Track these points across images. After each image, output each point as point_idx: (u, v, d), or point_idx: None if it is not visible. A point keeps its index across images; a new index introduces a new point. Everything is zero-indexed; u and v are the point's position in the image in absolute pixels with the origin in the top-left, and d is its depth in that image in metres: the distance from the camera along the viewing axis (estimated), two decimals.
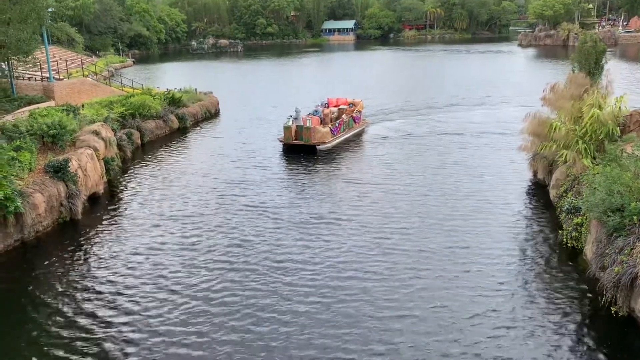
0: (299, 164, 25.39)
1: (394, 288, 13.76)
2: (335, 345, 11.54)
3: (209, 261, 15.63)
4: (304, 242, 16.69)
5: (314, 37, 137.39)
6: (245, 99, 46.00)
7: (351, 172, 24.05)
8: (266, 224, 18.30)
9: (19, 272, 15.61)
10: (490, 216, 18.28)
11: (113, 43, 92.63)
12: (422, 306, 12.91)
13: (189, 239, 17.24)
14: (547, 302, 12.89)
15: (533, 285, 13.73)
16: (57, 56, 49.07)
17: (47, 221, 18.36)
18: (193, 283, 14.36)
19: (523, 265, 14.79)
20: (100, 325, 12.59)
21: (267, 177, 23.56)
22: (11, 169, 17.08)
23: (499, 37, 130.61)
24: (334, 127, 28.58)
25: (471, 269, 14.62)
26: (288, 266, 15.12)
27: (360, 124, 32.02)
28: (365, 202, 19.92)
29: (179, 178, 23.88)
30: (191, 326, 12.38)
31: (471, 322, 12.23)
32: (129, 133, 29.06)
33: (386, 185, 21.87)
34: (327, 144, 27.78)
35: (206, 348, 11.57)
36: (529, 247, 15.92)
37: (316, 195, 20.91)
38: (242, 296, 13.58)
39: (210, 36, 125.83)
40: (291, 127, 27.63)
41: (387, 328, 12.10)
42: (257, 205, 20.02)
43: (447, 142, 28.64)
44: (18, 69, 33.65)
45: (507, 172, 23.16)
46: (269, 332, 12.05)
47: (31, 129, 21.21)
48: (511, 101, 40.28)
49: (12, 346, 11.96)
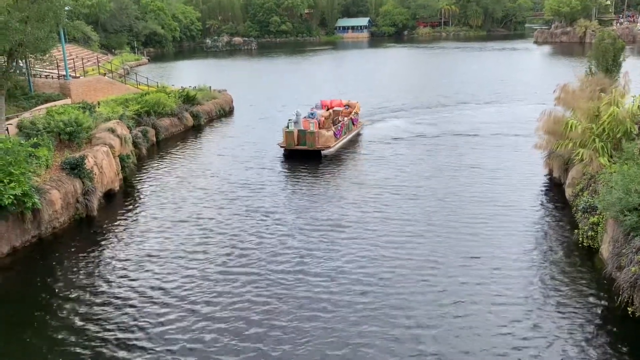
0: (307, 167, 24.74)
1: (404, 284, 13.74)
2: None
3: (222, 260, 15.72)
4: (319, 248, 16.39)
5: (327, 34, 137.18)
6: (258, 97, 46.10)
7: (364, 175, 23.32)
8: (281, 227, 18.28)
9: (36, 267, 15.84)
10: (505, 215, 18.15)
11: (128, 41, 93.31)
12: (437, 305, 12.88)
13: (202, 237, 17.34)
14: (562, 302, 12.78)
15: (548, 284, 13.61)
16: (73, 54, 49.57)
17: (64, 217, 18.59)
18: (207, 279, 14.45)
19: (538, 264, 14.68)
20: (113, 319, 12.73)
21: (279, 179, 23.31)
22: (29, 165, 17.29)
23: (515, 34, 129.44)
24: (337, 130, 27.67)
25: (485, 268, 14.53)
26: (294, 271, 15.15)
27: (357, 126, 31.12)
28: (379, 205, 19.73)
29: (193, 177, 24.01)
30: (205, 320, 12.47)
31: (485, 321, 12.16)
32: (144, 130, 29.28)
33: (399, 185, 21.64)
34: (331, 149, 26.83)
35: (216, 341, 11.66)
36: (544, 247, 15.79)
37: (332, 199, 20.38)
38: (257, 293, 13.66)
39: (225, 34, 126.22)
40: (293, 131, 26.38)
41: (396, 325, 12.09)
42: (270, 208, 19.86)
43: (460, 141, 28.45)
44: (35, 67, 34.05)
45: (522, 170, 22.97)
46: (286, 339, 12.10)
47: (48, 127, 21.46)
48: (526, 99, 39.96)
49: (27, 339, 12.13)
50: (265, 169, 24.71)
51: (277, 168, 24.95)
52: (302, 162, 25.48)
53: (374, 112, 36.77)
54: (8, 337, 12.38)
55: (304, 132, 26.41)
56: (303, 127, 26.77)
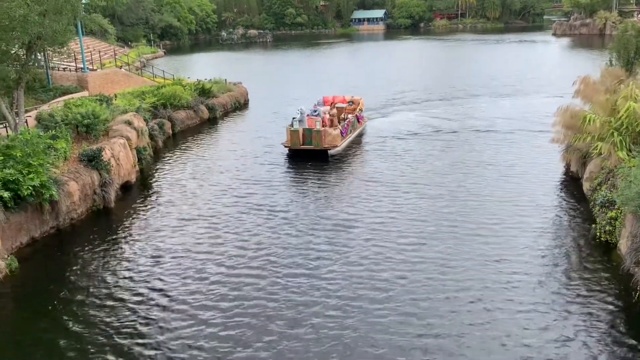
0: (315, 166, 23.87)
1: (420, 281, 13.72)
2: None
3: (234, 256, 15.82)
4: (332, 250, 16.02)
5: (343, 27, 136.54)
6: (273, 90, 46.15)
7: (376, 172, 22.48)
8: (293, 226, 18.24)
9: (54, 257, 16.09)
10: (522, 209, 17.99)
11: (145, 34, 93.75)
12: (455, 301, 12.84)
13: (215, 232, 17.44)
14: (579, 297, 12.67)
15: (565, 279, 13.50)
16: (90, 47, 49.95)
17: (81, 209, 18.82)
18: (222, 272, 14.56)
19: (555, 259, 14.55)
20: (129, 311, 12.90)
21: (290, 176, 22.94)
22: (47, 157, 17.52)
23: (533, 26, 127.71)
24: (343, 128, 26.41)
25: (502, 263, 14.43)
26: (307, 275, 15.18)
27: (362, 123, 29.84)
28: (391, 204, 19.49)
29: (207, 171, 24.06)
30: (221, 312, 12.58)
31: (501, 315, 12.10)
32: (160, 123, 29.48)
33: (411, 184, 21.26)
34: (338, 148, 25.50)
35: (231, 331, 11.76)
36: (562, 241, 15.64)
37: (343, 197, 19.93)
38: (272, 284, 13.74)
39: (240, 26, 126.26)
40: (298, 130, 24.95)
41: (405, 322, 12.08)
42: (281, 207, 19.70)
43: (475, 135, 28.21)
44: (53, 60, 34.39)
45: (538, 164, 22.74)
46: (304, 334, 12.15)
47: (66, 119, 21.70)
48: (543, 92, 39.48)
49: (44, 327, 12.34)
50: (278, 165, 24.33)
51: (288, 165, 24.43)
52: (309, 161, 24.46)
53: (386, 105, 36.64)
54: (25, 325, 12.60)
55: (309, 131, 25.02)
56: (308, 125, 25.48)
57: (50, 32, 19.85)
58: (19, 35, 18.85)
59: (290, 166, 24.27)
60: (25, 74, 20.63)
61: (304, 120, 25.39)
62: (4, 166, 15.80)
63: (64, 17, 20.53)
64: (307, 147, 25.07)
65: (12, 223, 15.89)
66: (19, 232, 16.31)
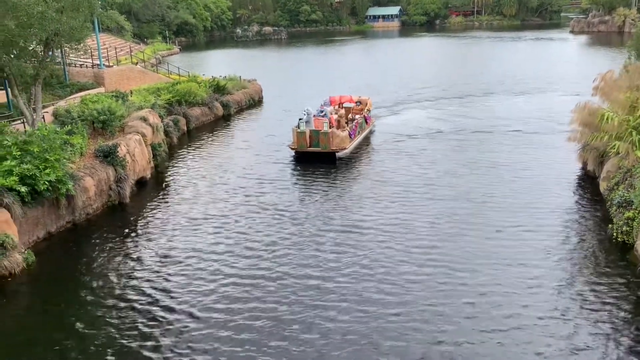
0: (326, 167, 23.22)
1: (431, 280, 13.66)
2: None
3: (249, 251, 15.88)
4: (343, 251, 15.80)
5: (358, 23, 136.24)
6: (287, 87, 46.20)
7: (388, 173, 21.98)
8: (304, 228, 18.22)
9: (70, 251, 16.27)
10: (537, 208, 17.80)
11: (160, 31, 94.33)
12: (469, 302, 12.77)
13: (229, 230, 17.50)
14: (596, 299, 12.51)
15: (581, 281, 13.35)
16: (107, 44, 50.34)
17: (97, 204, 19.00)
18: (234, 273, 14.61)
19: (571, 260, 14.38)
20: (142, 305, 13.00)
21: (301, 176, 22.59)
22: (64, 152, 17.70)
23: (550, 23, 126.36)
24: (351, 130, 25.32)
25: (518, 266, 14.25)
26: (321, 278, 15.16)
27: (369, 124, 28.74)
28: (403, 206, 19.18)
29: (221, 168, 24.14)
30: (232, 313, 12.63)
31: (515, 318, 11.94)
32: (175, 120, 29.66)
33: (424, 185, 20.73)
34: (347, 150, 24.39)
35: (242, 333, 11.80)
36: (578, 242, 15.47)
37: (358, 198, 19.48)
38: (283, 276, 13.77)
39: (255, 23, 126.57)
40: (305, 132, 23.85)
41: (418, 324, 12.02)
42: (293, 206, 19.74)
43: (492, 132, 27.99)
44: (70, 56, 34.71)
45: (554, 163, 22.50)
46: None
47: (82, 115, 21.91)
48: (561, 90, 39.06)
49: (60, 321, 12.49)
50: (289, 165, 23.96)
51: (299, 165, 23.96)
52: (316, 164, 23.57)
53: (400, 103, 36.53)
54: (42, 317, 12.76)
55: (316, 133, 23.91)
56: (315, 126, 24.45)
57: (67, 28, 20.02)
58: (36, 31, 19.04)
59: (300, 166, 23.91)
60: (43, 70, 20.83)
61: (310, 121, 24.54)
62: (22, 161, 16.00)
63: (80, 13, 20.71)
64: (314, 150, 24.08)
65: (29, 217, 16.09)
66: (36, 227, 16.51)
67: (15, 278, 14.42)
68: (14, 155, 16.07)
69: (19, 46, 19.51)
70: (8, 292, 13.95)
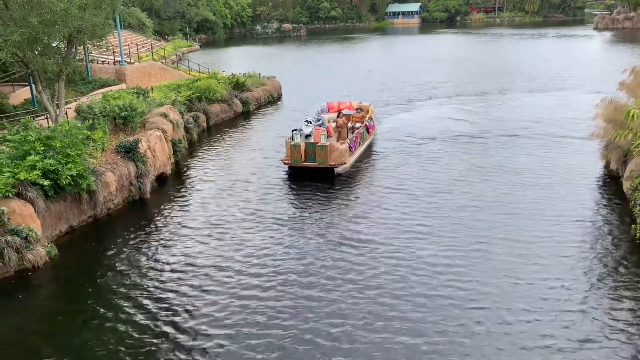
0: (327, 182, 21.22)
1: (448, 281, 13.56)
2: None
3: (267, 244, 15.94)
4: (357, 262, 15.27)
5: (377, 20, 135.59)
6: (306, 84, 46.15)
7: (404, 177, 20.85)
8: (314, 238, 18.28)
9: (91, 245, 16.51)
10: (558, 208, 17.56)
11: (181, 28, 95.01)
12: (484, 307, 12.65)
13: (251, 223, 17.60)
14: (618, 302, 12.30)
15: (603, 282, 13.13)
16: (128, 40, 50.89)
17: (118, 199, 19.24)
18: (253, 264, 14.69)
19: (592, 261, 14.13)
20: (163, 297, 13.15)
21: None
22: (85, 147, 17.95)
23: (573, 20, 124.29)
24: (352, 142, 22.67)
25: (538, 265, 14.08)
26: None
27: (371, 134, 26.15)
28: (419, 215, 18.78)
29: (240, 165, 24.23)
30: (252, 311, 12.69)
31: (534, 323, 11.74)
32: (195, 116, 29.86)
33: (438, 192, 19.88)
34: (346, 165, 21.79)
35: (259, 329, 11.86)
36: (600, 242, 15.21)
37: (366, 204, 19.00)
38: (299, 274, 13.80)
39: (274, 20, 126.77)
40: (300, 145, 21.56)
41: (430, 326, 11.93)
42: (308, 215, 19.76)
43: (513, 130, 27.61)
44: (92, 53, 35.18)
45: (576, 162, 22.13)
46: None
47: (104, 111, 22.17)
48: (583, 88, 38.44)
49: (81, 313, 12.69)
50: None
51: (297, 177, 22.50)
52: (313, 179, 21.26)
53: (415, 100, 36.29)
54: (63, 309, 12.97)
55: (312, 146, 21.51)
56: (313, 138, 22.33)
57: (89, 25, 20.30)
58: (60, 28, 19.32)
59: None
60: (66, 66, 21.15)
61: (312, 135, 22.42)
62: (45, 156, 16.26)
63: (103, 10, 20.99)
64: (309, 165, 21.62)
65: (52, 212, 16.37)
66: (59, 221, 16.79)
67: (38, 271, 14.69)
68: (37, 150, 16.35)
69: (43, 43, 19.82)
70: (32, 285, 14.22)
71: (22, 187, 15.53)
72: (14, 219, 14.82)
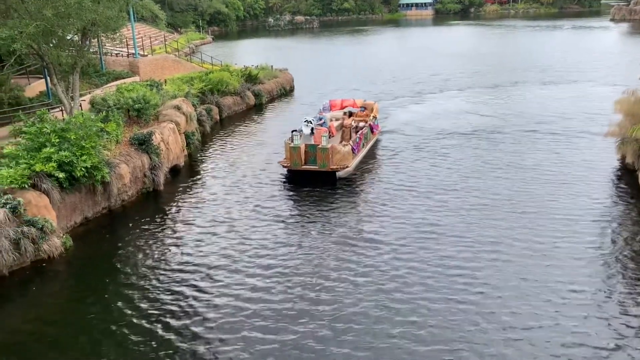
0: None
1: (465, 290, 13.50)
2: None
3: (281, 236, 15.99)
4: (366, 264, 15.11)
5: (390, 12, 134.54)
6: (318, 77, 46.00)
7: (410, 175, 20.41)
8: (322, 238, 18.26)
9: (105, 236, 16.69)
10: (573, 205, 17.35)
11: (194, 20, 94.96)
12: (501, 308, 12.57)
13: (263, 215, 17.67)
14: (634, 297, 12.19)
15: (619, 278, 13.01)
16: (141, 33, 51.00)
17: (132, 191, 19.39)
18: (267, 256, 14.76)
19: (609, 257, 14.00)
20: (176, 288, 13.27)
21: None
22: (99, 139, 18.08)
23: (589, 11, 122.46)
24: (355, 144, 21.44)
25: (552, 263, 13.91)
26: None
27: (376, 134, 24.87)
28: (430, 215, 18.73)
29: (253, 158, 24.20)
30: (263, 303, 12.76)
31: (552, 322, 11.55)
32: (208, 109, 29.95)
33: (451, 191, 19.41)
34: (349, 168, 20.61)
35: (271, 324, 11.93)
36: (615, 237, 15.07)
37: (381, 205, 18.32)
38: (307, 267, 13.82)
39: (287, 12, 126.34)
40: (299, 147, 20.43)
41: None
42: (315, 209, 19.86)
43: (525, 122, 27.35)
44: (106, 46, 35.34)
45: (592, 155, 21.91)
46: None
47: (118, 103, 22.29)
48: (599, 81, 37.88)
49: (95, 304, 12.85)
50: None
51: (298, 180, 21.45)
52: (313, 183, 20.20)
53: (425, 93, 36.06)
54: (78, 301, 13.14)
55: (313, 148, 20.41)
56: (313, 139, 21.26)
57: (103, 18, 20.39)
58: (74, 21, 19.44)
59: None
60: (81, 59, 21.27)
61: (313, 135, 21.47)
62: (60, 148, 16.40)
63: (116, 3, 21.07)
64: (309, 168, 20.55)
65: (67, 203, 16.55)
66: (74, 212, 16.97)
67: (54, 261, 14.88)
68: (52, 142, 16.49)
69: (58, 36, 19.94)
70: (47, 275, 14.42)
71: (37, 178, 15.72)
72: (29, 210, 15.00)
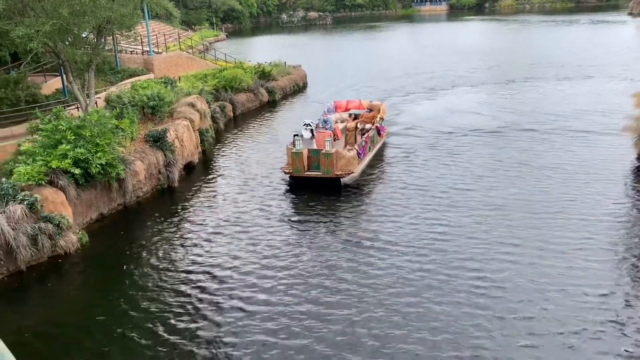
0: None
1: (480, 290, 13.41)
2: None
3: (292, 232, 16.01)
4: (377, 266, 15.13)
5: (404, 7, 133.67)
6: (331, 73, 45.91)
7: (424, 176, 19.80)
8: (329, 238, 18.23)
9: (120, 233, 16.85)
10: (590, 205, 17.01)
11: (207, 17, 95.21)
12: (515, 312, 12.46)
13: (275, 213, 17.70)
14: None
15: (634, 279, 12.83)
16: (156, 30, 51.26)
17: (147, 187, 19.53)
18: (277, 258, 14.78)
19: (623, 258, 13.78)
20: (190, 285, 13.36)
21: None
22: (114, 136, 18.23)
23: (607, 5, 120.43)
24: (360, 148, 20.42)
25: (571, 265, 13.52)
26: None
27: (383, 137, 23.66)
28: (439, 217, 18.32)
29: (267, 155, 24.06)
30: (285, 304, 12.80)
31: (567, 325, 11.31)
32: (222, 105, 30.05)
33: (462, 194, 18.77)
34: (355, 174, 19.52)
35: (281, 316, 11.95)
36: (631, 236, 14.85)
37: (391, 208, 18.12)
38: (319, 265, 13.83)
39: (300, 9, 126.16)
40: (302, 152, 19.38)
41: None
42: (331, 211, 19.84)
43: (539, 120, 26.96)
44: (121, 43, 35.57)
45: (608, 153, 21.55)
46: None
47: (133, 100, 22.46)
48: (617, 77, 37.28)
49: (111, 299, 12.98)
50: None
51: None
52: (316, 190, 19.31)
53: (437, 90, 35.84)
54: (94, 297, 13.28)
55: (316, 153, 19.37)
56: (316, 143, 20.21)
57: (118, 16, 20.52)
58: (89, 19, 19.59)
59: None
60: (96, 57, 21.43)
61: (314, 139, 20.37)
62: (76, 145, 16.57)
63: (131, 1, 21.19)
64: (313, 174, 19.50)
65: (83, 200, 16.72)
66: (89, 209, 17.14)
67: (70, 257, 15.05)
68: (68, 139, 16.66)
69: (73, 34, 20.11)
70: (64, 271, 14.60)
71: (54, 175, 15.90)
72: (46, 206, 15.19)
